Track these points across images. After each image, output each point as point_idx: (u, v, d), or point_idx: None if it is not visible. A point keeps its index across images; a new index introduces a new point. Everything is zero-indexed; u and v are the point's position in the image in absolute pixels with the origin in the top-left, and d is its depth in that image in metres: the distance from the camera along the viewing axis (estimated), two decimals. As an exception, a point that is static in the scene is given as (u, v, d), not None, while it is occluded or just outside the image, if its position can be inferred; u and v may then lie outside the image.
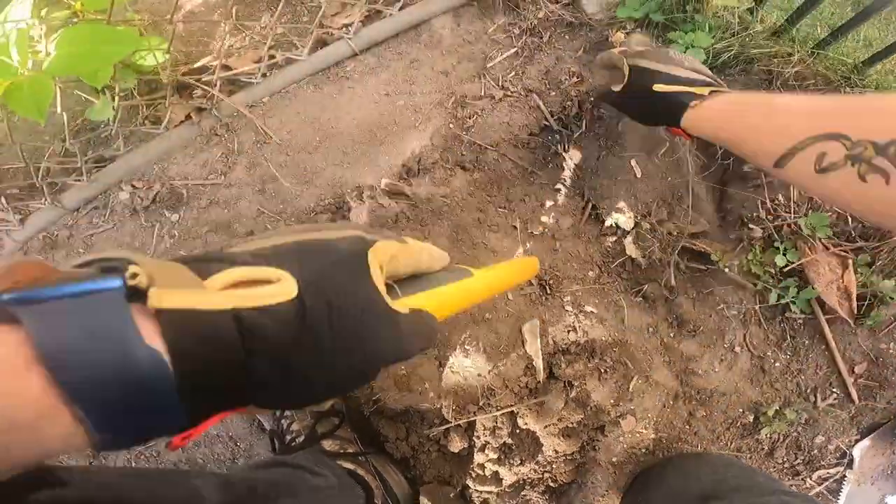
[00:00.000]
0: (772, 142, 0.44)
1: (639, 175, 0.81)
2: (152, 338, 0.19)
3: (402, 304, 0.30)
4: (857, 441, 0.82)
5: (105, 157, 0.90)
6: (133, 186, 0.91)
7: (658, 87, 0.58)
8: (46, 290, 0.18)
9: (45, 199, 0.93)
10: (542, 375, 0.76)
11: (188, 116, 0.88)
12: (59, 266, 0.20)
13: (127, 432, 0.19)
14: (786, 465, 0.84)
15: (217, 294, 0.21)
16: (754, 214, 0.77)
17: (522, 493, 0.84)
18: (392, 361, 0.29)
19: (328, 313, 0.24)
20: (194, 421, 0.21)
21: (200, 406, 0.21)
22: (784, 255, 0.73)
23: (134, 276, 0.19)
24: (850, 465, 0.82)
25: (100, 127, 0.92)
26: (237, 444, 0.92)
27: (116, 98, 0.81)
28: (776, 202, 0.75)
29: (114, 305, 0.18)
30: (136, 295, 0.19)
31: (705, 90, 0.55)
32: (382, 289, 0.28)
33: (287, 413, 0.81)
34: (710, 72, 0.59)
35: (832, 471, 0.83)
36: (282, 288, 0.23)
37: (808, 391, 0.79)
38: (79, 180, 0.90)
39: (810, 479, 0.84)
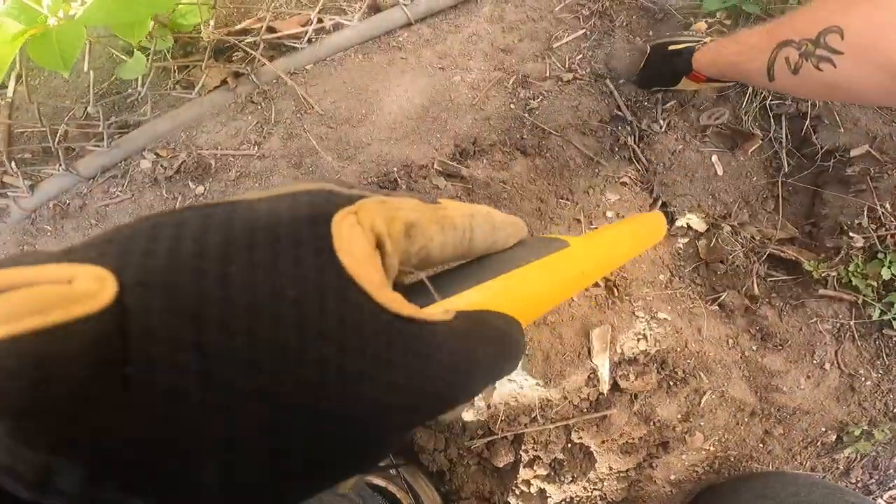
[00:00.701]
0: (752, 59, 0.54)
1: (720, 172, 0.73)
2: None
3: (444, 306, 0.17)
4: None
5: (129, 123, 0.82)
6: (157, 154, 0.83)
7: (673, 47, 0.70)
8: None
9: (60, 165, 0.85)
10: (605, 387, 0.67)
11: (224, 81, 0.80)
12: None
13: None
14: (859, 485, 0.76)
15: None
16: (855, 222, 0.69)
17: (569, 515, 0.76)
18: (433, 414, 0.15)
19: (224, 339, 0.11)
20: None
21: None
22: (889, 267, 0.65)
23: None
24: None
25: (127, 90, 0.84)
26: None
27: (150, 59, 0.74)
28: (883, 208, 0.67)
29: None
30: None
31: (707, 39, 0.68)
32: (374, 279, 0.13)
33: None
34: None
35: None
36: (71, 291, 0.10)
37: (897, 413, 0.71)
38: (98, 146, 0.82)
39: (881, 498, 0.76)
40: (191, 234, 0.12)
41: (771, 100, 0.74)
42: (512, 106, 0.79)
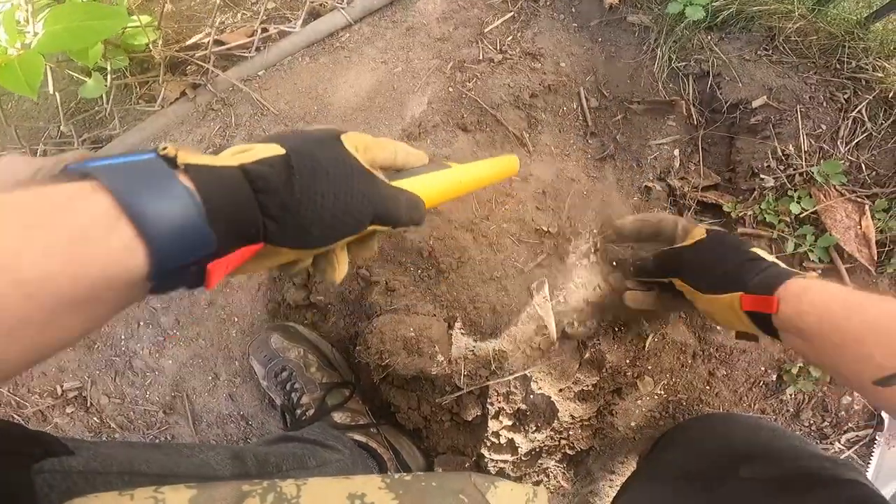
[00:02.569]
0: (886, 356, 0.38)
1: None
2: (185, 182, 0.25)
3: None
4: (883, 397, 0.79)
5: (101, 138, 0.89)
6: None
7: (757, 252, 0.50)
8: (104, 159, 0.24)
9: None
10: (554, 336, 0.74)
11: (183, 93, 0.87)
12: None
13: (173, 257, 0.24)
14: (813, 428, 0.81)
15: (225, 157, 0.29)
16: (765, 164, 0.74)
17: (539, 462, 0.82)
18: (382, 217, 0.34)
19: (312, 164, 0.30)
20: (223, 252, 0.26)
21: (224, 234, 0.26)
22: (798, 202, 0.71)
23: (164, 149, 0.25)
24: (879, 426, 0.80)
25: (94, 108, 0.91)
26: (249, 423, 0.91)
27: (109, 77, 0.80)
28: (786, 152, 0.73)
29: (156, 163, 0.25)
30: (169, 162, 0.25)
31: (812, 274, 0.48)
32: (358, 155, 0.34)
33: (297, 387, 0.80)
34: None
35: (861, 433, 0.80)
36: (272, 148, 0.30)
37: (831, 344, 0.77)
38: (77, 164, 0.89)
39: (839, 442, 0.81)
40: (295, 136, 0.33)
41: (676, 61, 0.80)
42: (450, 89, 0.85)
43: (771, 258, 0.50)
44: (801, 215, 0.72)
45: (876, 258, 0.74)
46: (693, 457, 0.63)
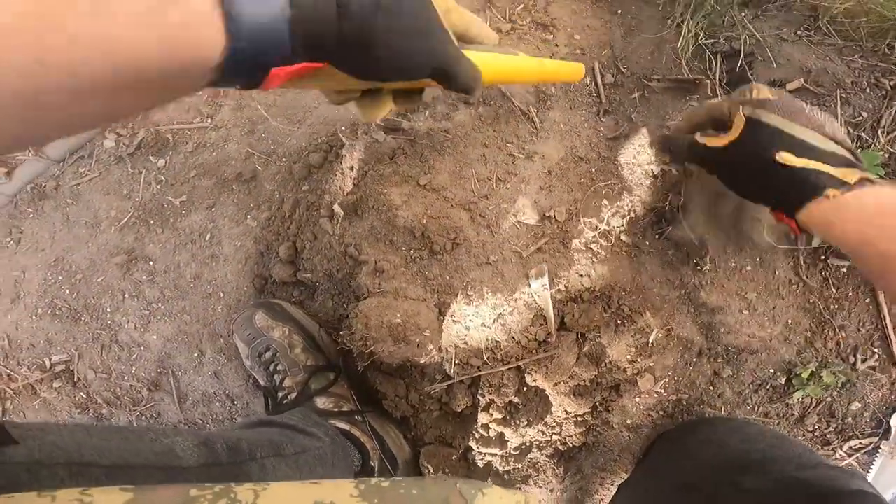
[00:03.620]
0: None
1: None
2: None
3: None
4: (895, 410, 0.74)
5: (88, 101, 0.85)
6: (118, 134, 0.86)
7: (784, 158, 0.42)
8: None
9: (30, 151, 0.89)
10: (553, 326, 0.69)
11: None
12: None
13: (248, 53, 0.25)
14: (816, 434, 0.76)
15: None
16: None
17: (529, 457, 0.78)
18: (441, 71, 0.35)
19: (398, 3, 0.31)
20: (290, 61, 0.27)
21: (299, 44, 0.27)
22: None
23: None
24: (885, 435, 0.74)
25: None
26: (234, 403, 0.88)
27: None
28: None
29: None
30: None
31: (853, 175, 0.40)
32: (440, 15, 0.35)
33: (280, 368, 0.76)
34: (851, 144, 0.44)
35: (865, 441, 0.75)
36: None
37: (848, 351, 0.71)
38: (63, 127, 0.86)
39: (841, 449, 0.76)
40: None
41: (704, 38, 0.73)
42: (454, 59, 0.79)
43: (801, 161, 0.42)
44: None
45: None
46: (693, 466, 0.60)
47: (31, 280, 0.93)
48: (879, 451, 0.75)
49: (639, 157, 0.75)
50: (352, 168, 0.73)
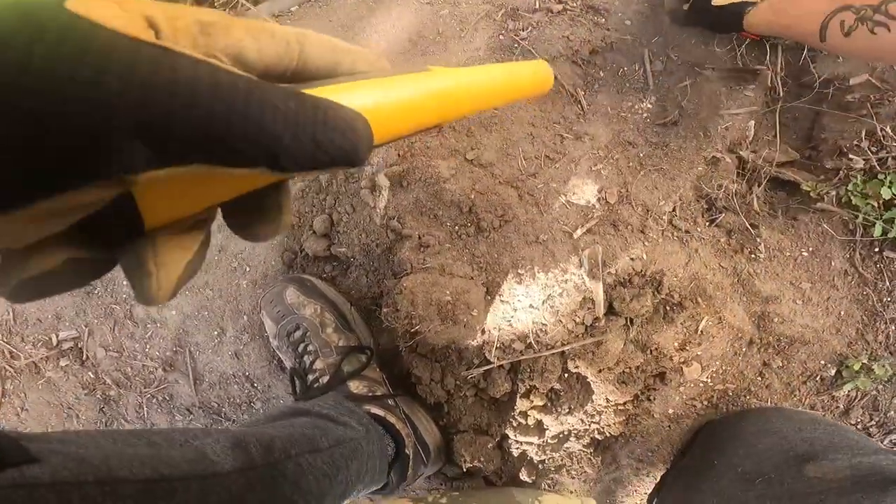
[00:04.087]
0: (809, 22, 0.57)
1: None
2: None
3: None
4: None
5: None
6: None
7: (717, 1, 0.68)
8: None
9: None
10: (601, 310, 0.67)
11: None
12: None
13: None
14: (859, 426, 0.75)
15: None
16: (855, 144, 0.67)
17: (565, 446, 0.75)
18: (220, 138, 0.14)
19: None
20: None
21: None
22: (890, 187, 0.64)
23: None
24: None
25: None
26: (254, 385, 0.84)
27: None
28: (884, 131, 0.66)
29: None
30: None
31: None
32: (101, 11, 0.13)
33: (311, 349, 0.73)
34: None
35: None
36: None
37: (900, 344, 0.70)
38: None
39: (882, 442, 0.75)
40: None
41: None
42: (501, 37, 0.77)
43: (726, 1, 0.68)
44: (892, 200, 0.65)
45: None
46: (748, 457, 0.59)
47: (43, 250, 0.89)
48: (918, 445, 0.74)
49: (688, 144, 0.73)
50: (397, 139, 0.70)
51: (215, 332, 0.84)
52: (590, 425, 0.74)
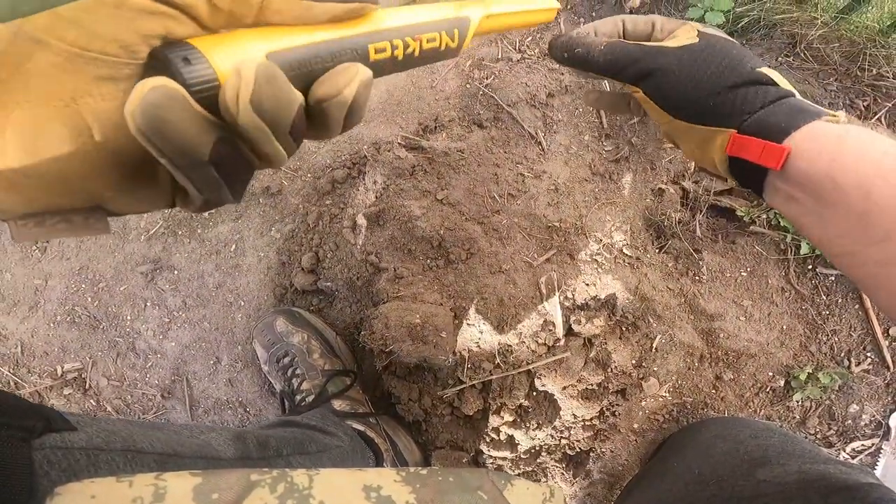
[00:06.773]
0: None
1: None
2: None
3: None
4: (892, 411, 0.78)
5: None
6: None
7: (764, 70, 0.35)
8: None
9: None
10: (560, 332, 0.73)
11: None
12: None
13: None
14: (818, 436, 0.80)
15: None
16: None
17: (538, 461, 0.81)
18: None
19: None
20: None
21: None
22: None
23: None
24: (885, 436, 0.78)
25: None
26: (246, 410, 0.90)
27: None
28: None
29: None
30: None
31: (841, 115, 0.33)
32: None
33: (298, 372, 0.79)
34: None
35: (867, 442, 0.78)
36: None
37: (842, 355, 0.76)
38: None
39: (844, 451, 0.80)
40: None
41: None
42: (468, 86, 0.86)
43: (787, 85, 0.35)
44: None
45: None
46: (705, 460, 0.61)
47: (53, 288, 0.96)
48: (882, 451, 0.78)
49: (637, 177, 0.81)
50: (375, 182, 0.78)
51: (211, 361, 0.91)
52: (560, 440, 0.79)
